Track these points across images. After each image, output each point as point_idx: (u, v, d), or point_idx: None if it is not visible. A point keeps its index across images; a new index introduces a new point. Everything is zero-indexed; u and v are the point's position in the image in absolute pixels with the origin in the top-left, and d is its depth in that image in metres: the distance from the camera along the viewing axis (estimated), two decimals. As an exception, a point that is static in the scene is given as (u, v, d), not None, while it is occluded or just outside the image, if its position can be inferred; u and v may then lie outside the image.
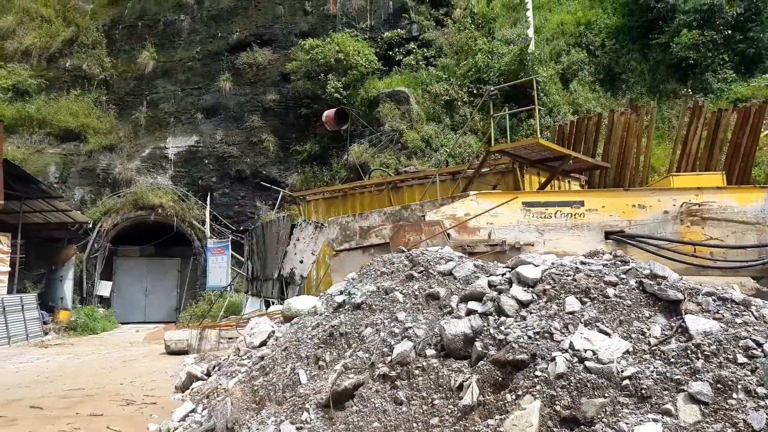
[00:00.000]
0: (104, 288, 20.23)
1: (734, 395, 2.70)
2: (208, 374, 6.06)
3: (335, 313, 4.24)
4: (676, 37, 18.11)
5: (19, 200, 16.30)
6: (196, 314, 18.38)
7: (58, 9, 25.90)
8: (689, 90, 17.80)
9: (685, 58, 17.97)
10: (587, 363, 2.95)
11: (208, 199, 20.18)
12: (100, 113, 22.75)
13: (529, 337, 3.18)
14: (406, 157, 19.36)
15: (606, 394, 2.81)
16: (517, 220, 6.27)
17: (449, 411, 3.10)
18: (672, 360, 2.96)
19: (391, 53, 22.07)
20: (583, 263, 3.76)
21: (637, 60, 19.45)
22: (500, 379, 3.12)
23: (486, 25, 21.26)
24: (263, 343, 5.83)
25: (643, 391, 2.81)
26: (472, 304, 3.66)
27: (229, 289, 16.85)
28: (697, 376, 2.82)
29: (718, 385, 2.75)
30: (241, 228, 19.47)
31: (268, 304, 11.96)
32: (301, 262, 10.15)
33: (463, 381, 3.17)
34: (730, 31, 17.70)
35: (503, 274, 3.90)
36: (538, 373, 3.00)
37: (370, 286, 4.24)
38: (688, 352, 2.97)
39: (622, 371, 2.90)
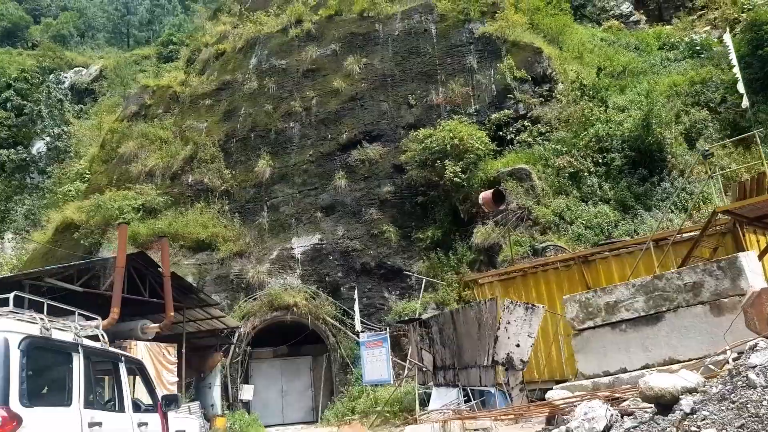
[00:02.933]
0: (247, 392, 20.27)
1: None
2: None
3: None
4: (807, 83, 17.83)
5: (181, 311, 16.83)
6: (347, 411, 18.05)
7: (174, 130, 27.84)
8: None
9: (821, 103, 17.58)
10: None
11: (356, 293, 20.36)
12: (226, 222, 23.71)
13: None
14: (539, 233, 19.16)
15: None
16: None
17: None
18: None
19: (501, 133, 22.47)
20: None
21: (766, 111, 19.11)
22: None
23: (597, 95, 21.48)
24: (606, 428, 5.64)
25: None
26: None
27: (393, 381, 16.58)
28: None
29: None
30: (400, 321, 19.26)
31: (466, 394, 11.60)
32: (518, 345, 9.88)
33: None
34: None
35: None
36: None
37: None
38: None
39: None
